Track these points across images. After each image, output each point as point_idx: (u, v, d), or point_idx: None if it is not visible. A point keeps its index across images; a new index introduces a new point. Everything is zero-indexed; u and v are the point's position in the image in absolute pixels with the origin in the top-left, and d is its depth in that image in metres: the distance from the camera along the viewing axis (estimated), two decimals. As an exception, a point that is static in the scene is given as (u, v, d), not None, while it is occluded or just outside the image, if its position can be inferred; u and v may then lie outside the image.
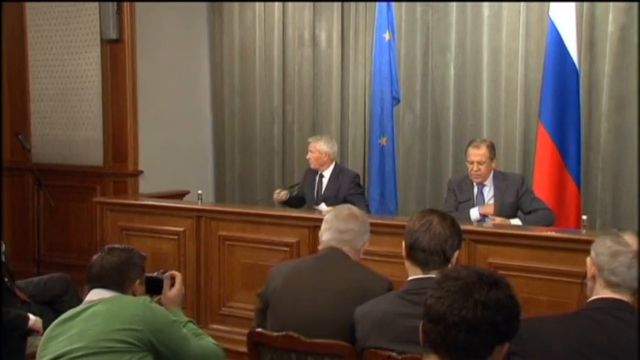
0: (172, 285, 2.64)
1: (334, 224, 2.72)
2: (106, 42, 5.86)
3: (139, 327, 2.19)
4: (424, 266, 2.31)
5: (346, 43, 6.21)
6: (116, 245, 2.58)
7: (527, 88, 5.30)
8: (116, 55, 5.89)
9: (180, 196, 5.50)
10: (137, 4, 5.85)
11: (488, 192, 4.41)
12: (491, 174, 4.41)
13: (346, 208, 2.82)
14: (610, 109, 4.97)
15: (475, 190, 4.44)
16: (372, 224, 4.07)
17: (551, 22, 4.65)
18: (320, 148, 5.07)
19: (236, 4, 6.62)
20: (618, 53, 4.91)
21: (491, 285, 1.47)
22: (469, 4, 5.55)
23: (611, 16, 4.91)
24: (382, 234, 3.98)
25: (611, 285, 2.06)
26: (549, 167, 4.68)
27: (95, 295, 2.35)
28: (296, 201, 5.25)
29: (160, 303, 2.52)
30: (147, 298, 2.35)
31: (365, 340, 2.27)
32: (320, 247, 2.75)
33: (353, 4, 6.15)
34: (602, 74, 5.00)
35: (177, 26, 6.40)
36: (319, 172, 5.12)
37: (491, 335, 1.45)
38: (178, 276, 2.66)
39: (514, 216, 4.29)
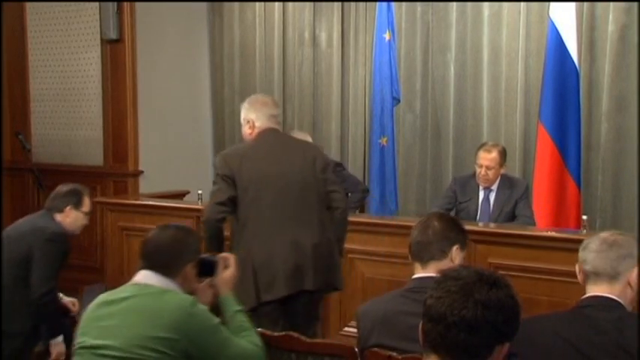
0: (225, 267, 2.49)
1: (263, 111, 3.37)
2: (106, 42, 5.86)
3: (177, 336, 2.09)
4: (420, 259, 2.33)
5: (346, 43, 6.21)
6: (172, 224, 2.45)
7: (527, 88, 5.29)
8: (116, 55, 5.89)
9: (180, 196, 5.51)
10: (137, 4, 5.86)
11: (494, 198, 4.39)
12: (499, 179, 4.38)
13: (260, 95, 3.67)
14: (610, 109, 4.97)
15: (482, 195, 4.40)
16: (372, 224, 4.11)
17: (552, 22, 4.65)
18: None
19: (236, 4, 6.61)
20: (618, 53, 4.91)
21: (492, 285, 1.47)
22: (469, 4, 5.55)
23: (612, 16, 4.91)
24: (382, 234, 3.99)
25: (589, 276, 2.06)
26: (549, 167, 4.68)
27: (143, 277, 2.24)
28: None
29: (210, 286, 2.41)
30: (191, 300, 2.19)
31: (367, 338, 2.28)
32: (256, 132, 3.33)
33: (353, 4, 6.15)
34: (603, 74, 5.00)
35: (177, 26, 6.40)
36: None
37: (492, 335, 1.45)
38: (231, 257, 2.51)
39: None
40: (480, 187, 4.39)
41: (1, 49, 6.02)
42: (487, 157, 4.31)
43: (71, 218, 3.49)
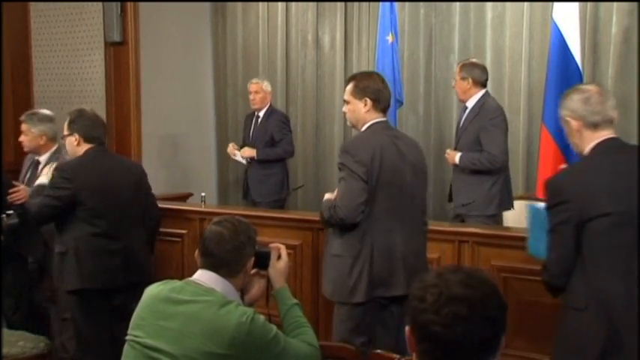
0: (278, 258, 2.40)
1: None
2: (109, 44, 5.87)
3: (234, 352, 2.04)
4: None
5: (349, 45, 6.22)
6: (227, 217, 2.29)
7: (530, 90, 5.29)
8: (120, 58, 5.90)
9: (183, 198, 5.51)
10: (141, 6, 5.86)
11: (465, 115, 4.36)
12: (477, 97, 4.31)
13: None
14: (613, 111, 4.95)
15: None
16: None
17: (555, 23, 4.64)
18: (266, 88, 5.53)
19: (239, 5, 6.62)
20: (622, 55, 4.90)
21: (492, 296, 1.41)
22: (472, 5, 5.55)
23: (615, 17, 4.91)
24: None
25: (595, 125, 2.36)
26: (553, 169, 4.65)
27: (206, 279, 2.17)
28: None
29: (261, 276, 2.35)
30: (250, 315, 2.10)
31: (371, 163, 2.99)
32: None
33: (356, 5, 6.15)
34: (606, 76, 5.00)
35: (180, 28, 6.40)
36: (256, 113, 5.57)
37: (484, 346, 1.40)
38: (282, 248, 2.43)
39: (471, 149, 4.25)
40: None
41: (0, 49, 6.02)
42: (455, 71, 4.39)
43: None
